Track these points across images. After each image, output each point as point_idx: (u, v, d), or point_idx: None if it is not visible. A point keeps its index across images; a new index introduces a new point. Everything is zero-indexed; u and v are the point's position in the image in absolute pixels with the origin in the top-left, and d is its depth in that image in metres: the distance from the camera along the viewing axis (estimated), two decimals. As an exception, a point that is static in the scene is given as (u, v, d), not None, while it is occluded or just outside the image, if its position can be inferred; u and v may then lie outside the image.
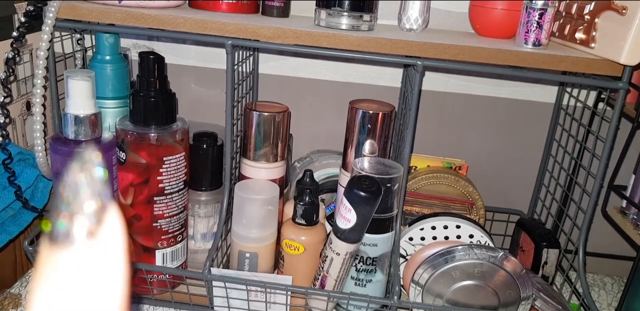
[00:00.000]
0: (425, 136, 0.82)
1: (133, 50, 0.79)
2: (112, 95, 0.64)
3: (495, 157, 0.83)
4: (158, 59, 0.58)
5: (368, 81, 0.81)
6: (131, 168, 0.58)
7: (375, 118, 0.62)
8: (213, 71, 0.81)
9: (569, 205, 0.75)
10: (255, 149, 0.64)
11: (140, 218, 0.59)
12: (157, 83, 0.58)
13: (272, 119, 0.63)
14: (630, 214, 0.70)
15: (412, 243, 0.66)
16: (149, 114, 0.58)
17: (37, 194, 0.67)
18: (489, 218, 0.81)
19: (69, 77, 0.57)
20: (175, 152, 0.59)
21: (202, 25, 0.58)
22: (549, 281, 0.70)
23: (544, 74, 0.62)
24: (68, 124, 0.58)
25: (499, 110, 0.81)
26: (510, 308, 0.60)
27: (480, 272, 0.58)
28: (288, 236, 0.61)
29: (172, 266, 0.62)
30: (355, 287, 0.61)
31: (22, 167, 0.64)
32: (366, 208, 0.55)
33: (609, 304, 0.75)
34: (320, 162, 0.76)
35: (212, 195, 0.66)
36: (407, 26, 0.64)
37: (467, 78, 0.80)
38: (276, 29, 0.58)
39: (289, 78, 0.81)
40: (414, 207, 0.72)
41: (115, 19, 0.59)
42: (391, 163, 0.61)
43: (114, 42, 0.64)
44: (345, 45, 0.58)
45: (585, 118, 0.72)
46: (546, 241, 0.69)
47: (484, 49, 0.57)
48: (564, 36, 0.64)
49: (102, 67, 0.64)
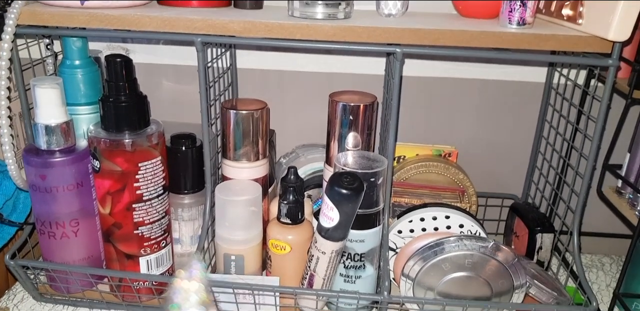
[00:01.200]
0: (413, 124, 0.80)
1: (106, 52, 0.77)
2: (84, 101, 0.63)
3: (486, 142, 0.81)
4: (125, 61, 0.56)
5: (351, 70, 0.79)
6: (107, 176, 0.56)
7: (356, 111, 0.61)
8: (189, 68, 0.79)
9: (562, 187, 0.74)
10: (235, 149, 0.62)
11: (120, 226, 0.58)
12: (127, 87, 0.57)
13: (251, 117, 0.62)
14: (626, 194, 0.69)
15: (402, 236, 0.65)
16: (120, 119, 0.56)
17: (18, 205, 0.66)
18: (482, 204, 0.80)
19: (35, 86, 0.55)
20: (151, 156, 0.57)
21: (169, 24, 0.56)
22: (545, 267, 0.69)
23: (531, 55, 0.60)
24: (39, 134, 0.56)
25: (488, 93, 0.79)
26: (503, 298, 0.58)
27: (471, 263, 0.57)
28: (274, 236, 0.60)
29: (157, 272, 0.62)
30: (344, 284, 0.60)
31: (0, 179, 0.63)
32: (348, 205, 0.53)
33: (608, 285, 0.74)
34: (306, 156, 0.75)
35: (195, 198, 0.65)
36: (386, 11, 0.62)
37: (453, 62, 0.77)
38: (246, 22, 0.56)
39: (270, 72, 0.79)
40: (403, 198, 0.70)
41: (78, 22, 0.57)
42: (375, 156, 0.60)
43: (81, 46, 0.62)
44: (320, 35, 0.56)
45: (576, 97, 0.70)
46: (540, 226, 0.68)
47: (465, 32, 0.55)
48: (551, 13, 0.62)
49: (72, 72, 0.62)
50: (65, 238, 0.59)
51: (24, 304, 0.64)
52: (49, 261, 0.61)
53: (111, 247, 0.60)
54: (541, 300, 0.60)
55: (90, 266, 0.62)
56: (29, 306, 0.63)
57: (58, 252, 0.60)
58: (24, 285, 0.63)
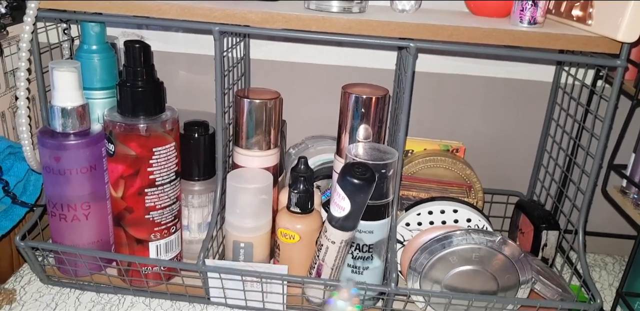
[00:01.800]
0: (421, 119, 0.81)
1: (121, 38, 0.78)
2: (100, 85, 0.63)
3: (493, 138, 0.82)
4: (144, 47, 0.57)
5: (362, 64, 0.79)
6: (120, 160, 0.57)
7: (368, 103, 0.61)
8: (203, 58, 0.79)
9: (568, 185, 0.74)
10: (247, 137, 0.63)
11: (132, 210, 0.58)
12: (144, 73, 0.57)
13: (264, 106, 0.62)
14: (630, 193, 0.69)
15: (409, 229, 0.66)
16: (136, 105, 0.57)
17: (29, 188, 0.66)
18: (487, 200, 0.80)
19: (53, 69, 0.56)
20: (165, 142, 0.58)
21: (189, 12, 0.57)
22: (549, 264, 0.69)
23: (541, 53, 0.60)
24: (55, 117, 0.57)
25: (496, 91, 0.79)
26: (509, 293, 0.59)
27: (478, 257, 0.58)
28: (283, 225, 0.61)
29: (166, 258, 0.62)
30: (352, 275, 0.61)
31: (12, 160, 0.63)
32: (360, 195, 0.54)
33: (610, 284, 0.75)
34: (316, 147, 0.75)
35: (205, 185, 0.65)
36: (400, 7, 0.63)
37: (463, 59, 0.78)
38: (264, 13, 0.57)
39: (282, 63, 0.80)
40: (411, 192, 0.71)
41: (99, 8, 0.57)
42: (386, 148, 0.60)
43: (99, 31, 0.62)
44: (336, 28, 0.57)
45: (583, 97, 0.71)
46: (545, 223, 0.69)
47: (477, 29, 0.56)
48: (560, 13, 0.62)
49: (89, 57, 0.62)
50: (76, 221, 0.60)
51: (30, 286, 0.64)
52: (59, 243, 0.61)
53: (121, 231, 0.60)
54: (546, 296, 0.61)
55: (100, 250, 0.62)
56: (36, 289, 0.64)
57: (68, 235, 0.60)
58: (32, 267, 0.63)
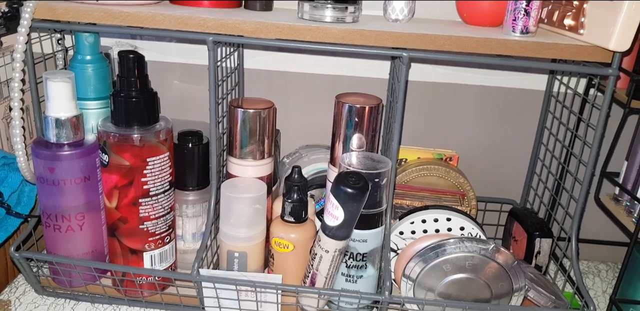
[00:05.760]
0: (415, 127, 0.81)
1: (115, 48, 0.78)
2: (94, 95, 0.63)
3: (486, 147, 0.82)
4: (138, 57, 0.57)
5: (356, 73, 0.80)
6: (114, 170, 0.57)
7: (362, 112, 0.62)
8: (197, 67, 0.80)
9: (561, 193, 0.75)
10: (241, 147, 0.63)
11: (126, 220, 0.58)
12: (138, 83, 0.57)
13: (258, 116, 0.62)
14: (623, 201, 0.70)
15: (403, 237, 0.66)
16: (130, 115, 0.57)
17: (23, 198, 0.66)
18: (481, 208, 0.81)
19: (47, 79, 0.56)
20: (159, 152, 0.58)
21: (182, 22, 0.57)
22: (543, 271, 0.70)
23: (533, 62, 0.61)
24: (49, 127, 0.57)
25: (489, 99, 0.80)
26: (502, 300, 0.59)
27: (472, 265, 0.58)
28: (277, 235, 0.61)
29: (160, 268, 0.62)
30: (346, 283, 0.61)
31: (7, 171, 0.63)
32: (353, 204, 0.54)
33: (604, 291, 0.75)
34: (310, 157, 0.75)
35: (199, 195, 0.65)
36: (393, 17, 0.63)
37: (456, 68, 0.79)
38: (258, 23, 0.57)
39: (276, 73, 0.80)
40: (405, 200, 0.71)
41: (93, 18, 0.58)
42: (379, 157, 0.61)
43: (93, 41, 0.63)
44: (329, 38, 0.57)
45: (576, 105, 0.71)
46: (539, 231, 0.69)
47: (470, 38, 0.56)
48: (553, 23, 0.63)
49: (83, 67, 0.63)
50: (71, 232, 0.60)
51: (25, 297, 0.64)
52: (53, 254, 0.61)
53: (116, 242, 0.60)
54: (539, 303, 0.61)
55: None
56: (31, 300, 0.63)
57: (62, 245, 0.60)
58: (27, 278, 0.63)
